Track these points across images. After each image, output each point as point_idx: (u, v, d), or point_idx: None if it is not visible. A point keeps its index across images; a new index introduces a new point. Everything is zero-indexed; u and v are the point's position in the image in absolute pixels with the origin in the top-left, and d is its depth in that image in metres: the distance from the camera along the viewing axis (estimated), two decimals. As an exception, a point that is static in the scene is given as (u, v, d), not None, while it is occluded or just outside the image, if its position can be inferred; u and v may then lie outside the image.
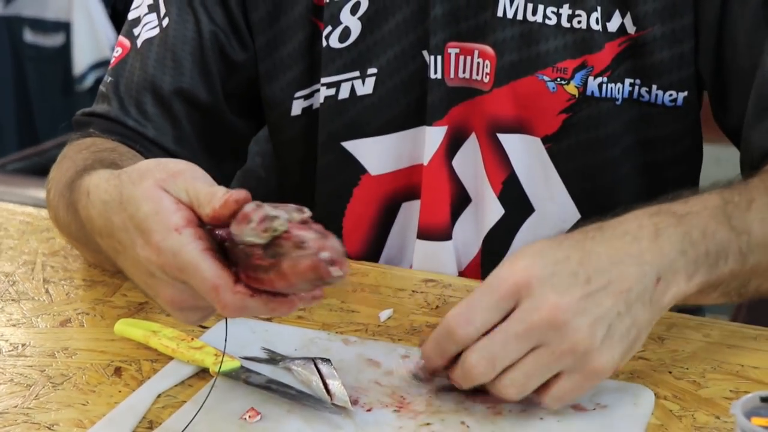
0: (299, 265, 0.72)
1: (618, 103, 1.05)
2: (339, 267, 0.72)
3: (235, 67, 1.12)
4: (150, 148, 1.08)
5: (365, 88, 1.08)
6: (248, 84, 1.13)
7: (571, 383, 0.77)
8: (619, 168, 1.08)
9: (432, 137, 1.07)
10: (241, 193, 0.74)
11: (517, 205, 1.08)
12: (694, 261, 0.81)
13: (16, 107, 3.21)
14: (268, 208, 0.73)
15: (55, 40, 3.20)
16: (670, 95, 1.04)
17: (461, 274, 1.11)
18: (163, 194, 0.75)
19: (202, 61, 1.10)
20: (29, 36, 3.19)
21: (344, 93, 1.09)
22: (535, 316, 0.76)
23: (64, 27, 3.18)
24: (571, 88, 1.04)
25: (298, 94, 1.11)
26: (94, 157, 0.99)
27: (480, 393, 0.80)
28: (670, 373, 0.87)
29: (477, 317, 0.77)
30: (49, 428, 0.81)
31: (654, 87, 1.04)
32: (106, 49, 3.14)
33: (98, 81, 3.07)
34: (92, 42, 3.19)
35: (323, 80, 1.09)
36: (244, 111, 1.15)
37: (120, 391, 0.85)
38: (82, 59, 3.18)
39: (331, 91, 1.09)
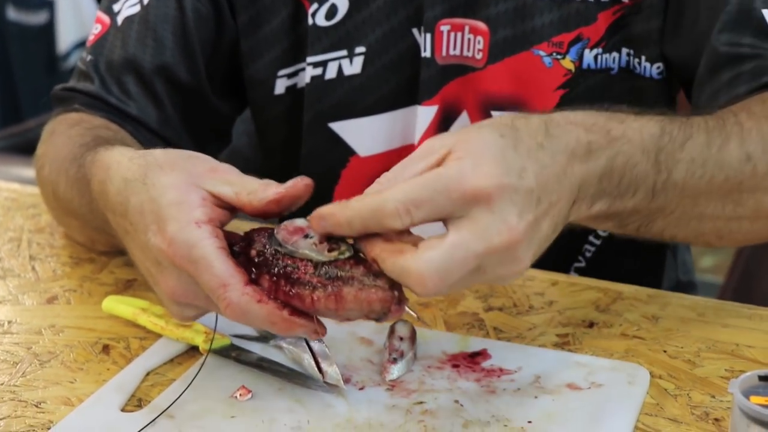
0: (368, 294, 0.72)
1: (614, 72, 1.04)
2: (399, 310, 0.74)
3: (218, 45, 1.10)
4: (136, 127, 1.06)
5: (353, 67, 1.06)
6: (231, 63, 1.12)
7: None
8: None
9: (423, 116, 1.06)
10: (299, 189, 0.74)
11: None
12: (603, 190, 0.79)
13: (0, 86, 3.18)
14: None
15: (39, 18, 3.16)
16: (658, 67, 1.03)
17: None
18: (192, 188, 0.75)
19: (183, 39, 1.08)
20: (12, 13, 3.16)
21: (331, 73, 1.07)
22: (496, 240, 0.71)
23: (48, 5, 3.15)
24: (567, 63, 1.02)
25: (281, 73, 1.10)
26: (91, 133, 0.97)
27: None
28: (664, 352, 0.86)
29: (420, 212, 0.70)
30: (37, 406, 0.79)
31: (643, 58, 1.03)
32: (91, 28, 3.10)
33: (83, 59, 3.04)
34: (77, 20, 3.15)
35: (309, 59, 1.07)
36: (226, 91, 1.13)
37: (108, 369, 0.84)
38: (66, 37, 3.15)
39: (318, 71, 1.07)
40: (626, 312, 0.92)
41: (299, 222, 0.75)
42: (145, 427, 0.76)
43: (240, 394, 0.80)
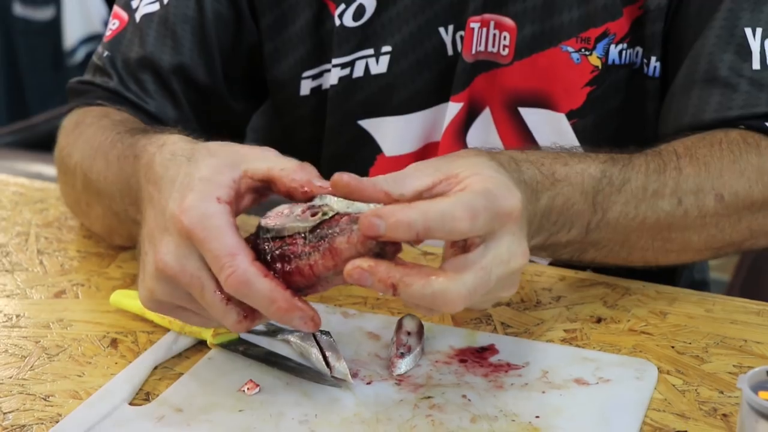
0: (358, 235, 0.71)
1: (637, 66, 1.04)
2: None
3: (236, 47, 1.10)
4: (154, 124, 1.06)
5: (379, 66, 1.06)
6: (249, 65, 1.12)
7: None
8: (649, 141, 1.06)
9: (448, 113, 1.06)
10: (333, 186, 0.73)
11: None
12: (542, 226, 0.84)
13: (5, 81, 3.18)
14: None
15: (45, 14, 3.17)
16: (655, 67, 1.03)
17: None
18: (226, 169, 0.75)
19: (202, 40, 1.08)
20: (19, 9, 3.16)
21: (358, 71, 1.06)
22: (513, 264, 0.73)
23: (55, 0, 3.15)
24: (594, 59, 1.02)
25: (306, 74, 1.09)
26: (127, 123, 0.98)
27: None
28: (672, 347, 0.86)
29: (478, 223, 0.71)
30: (45, 399, 0.79)
31: (653, 59, 1.03)
32: (97, 23, 3.11)
33: (89, 55, 3.04)
34: (83, 16, 3.16)
35: (336, 61, 1.06)
36: (243, 92, 1.13)
37: (116, 363, 0.84)
38: (72, 33, 3.15)
39: (346, 71, 1.07)
40: (634, 307, 0.92)
41: (280, 207, 0.75)
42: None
43: (248, 388, 0.80)
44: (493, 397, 0.79)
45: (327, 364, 0.81)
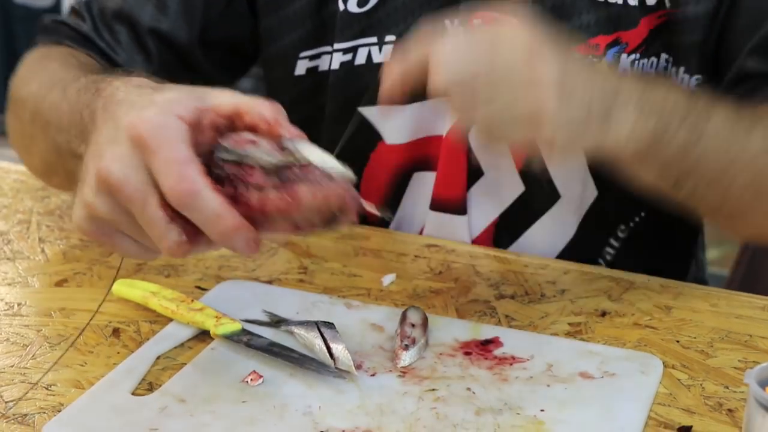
0: (324, 190, 0.70)
1: None
2: (354, 207, 0.71)
3: (225, 17, 1.08)
4: None
5: (382, 55, 1.05)
6: (233, 37, 1.10)
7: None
8: None
9: None
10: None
11: (539, 184, 1.04)
12: (648, 101, 0.83)
13: (5, 68, 3.16)
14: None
15: (45, 0, 3.16)
16: (697, 79, 1.01)
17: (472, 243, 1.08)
18: (192, 97, 0.72)
19: (187, 4, 1.06)
20: (19, -4, 3.15)
21: (360, 59, 1.05)
22: (509, 31, 0.79)
23: (55, -13, 3.14)
24: None
25: (303, 54, 1.09)
26: (92, 66, 0.96)
27: None
28: (677, 342, 0.85)
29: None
30: (47, 388, 0.79)
31: (681, 69, 1.01)
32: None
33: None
34: (83, 3, 3.14)
35: (337, 45, 1.05)
36: (221, 63, 1.12)
37: (118, 353, 0.84)
38: (72, 20, 3.14)
39: (348, 57, 1.06)
40: (638, 301, 0.92)
41: (249, 135, 0.72)
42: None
43: (251, 379, 0.79)
44: (497, 390, 0.78)
45: (331, 355, 0.80)
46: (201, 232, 0.71)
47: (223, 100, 0.73)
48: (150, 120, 0.70)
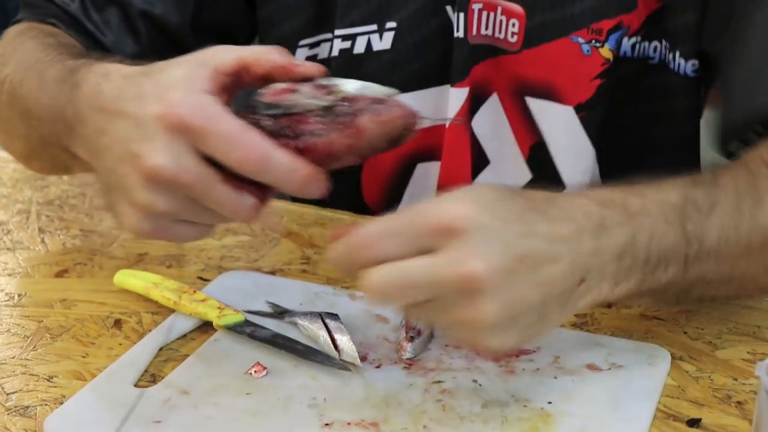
0: (387, 113, 0.70)
1: (654, 62, 1.01)
2: (418, 123, 0.72)
3: (215, 4, 1.07)
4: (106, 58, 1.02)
5: (383, 43, 1.03)
6: (225, 23, 1.09)
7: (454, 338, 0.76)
8: (652, 139, 1.04)
9: (455, 99, 1.03)
10: (309, 69, 0.71)
11: (545, 173, 1.03)
12: (628, 268, 0.73)
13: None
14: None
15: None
16: (693, 65, 1.00)
17: None
18: (200, 66, 0.70)
19: None
20: (15, -16, 3.14)
21: (360, 47, 1.04)
22: (453, 274, 0.67)
23: (52, -24, 3.12)
24: (606, 52, 0.98)
25: (302, 42, 1.08)
26: (73, 48, 0.92)
27: None
28: (685, 333, 0.85)
29: (390, 246, 0.68)
30: (48, 380, 0.78)
31: (677, 54, 1.00)
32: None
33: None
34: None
35: (338, 32, 1.04)
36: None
37: (120, 344, 0.83)
38: (69, 9, 3.13)
39: (347, 44, 1.04)
40: (645, 293, 0.91)
41: (281, 85, 0.71)
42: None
43: (255, 371, 0.78)
44: (504, 382, 0.77)
45: (335, 347, 0.80)
46: (266, 187, 0.70)
47: (224, 58, 0.71)
48: (183, 103, 0.68)
